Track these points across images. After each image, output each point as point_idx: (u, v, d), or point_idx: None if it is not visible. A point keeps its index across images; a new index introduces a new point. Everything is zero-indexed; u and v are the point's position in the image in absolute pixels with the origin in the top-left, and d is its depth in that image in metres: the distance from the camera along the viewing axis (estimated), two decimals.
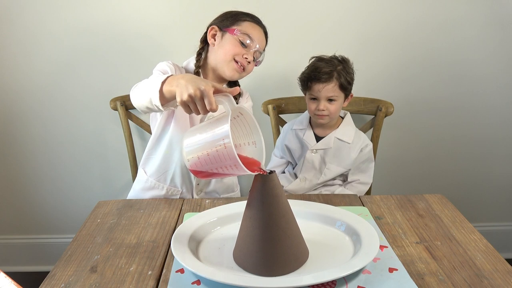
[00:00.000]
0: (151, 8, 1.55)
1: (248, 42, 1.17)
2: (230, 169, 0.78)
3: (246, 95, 1.36)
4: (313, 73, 1.31)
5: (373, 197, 1.12)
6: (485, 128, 1.74)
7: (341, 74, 1.30)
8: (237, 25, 1.17)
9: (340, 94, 1.32)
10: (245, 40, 1.16)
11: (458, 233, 0.94)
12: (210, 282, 0.76)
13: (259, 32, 1.20)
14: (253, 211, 0.80)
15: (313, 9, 1.57)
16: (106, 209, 1.07)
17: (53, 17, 1.54)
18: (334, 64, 1.31)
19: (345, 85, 1.31)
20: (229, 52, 1.16)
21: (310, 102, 1.36)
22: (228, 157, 0.75)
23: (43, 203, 1.80)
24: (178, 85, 0.85)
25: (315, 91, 1.32)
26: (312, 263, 0.82)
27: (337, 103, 1.33)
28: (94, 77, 1.62)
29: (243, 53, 1.16)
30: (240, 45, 1.16)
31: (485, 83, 1.68)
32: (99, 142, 1.71)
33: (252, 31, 1.18)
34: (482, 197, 1.85)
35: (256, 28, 1.19)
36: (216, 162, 0.78)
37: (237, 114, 0.84)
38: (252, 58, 1.19)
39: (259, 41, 1.19)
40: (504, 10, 1.58)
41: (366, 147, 1.40)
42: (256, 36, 1.18)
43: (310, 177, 1.39)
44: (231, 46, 1.16)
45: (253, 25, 1.19)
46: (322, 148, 1.38)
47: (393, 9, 1.57)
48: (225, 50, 1.17)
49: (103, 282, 0.78)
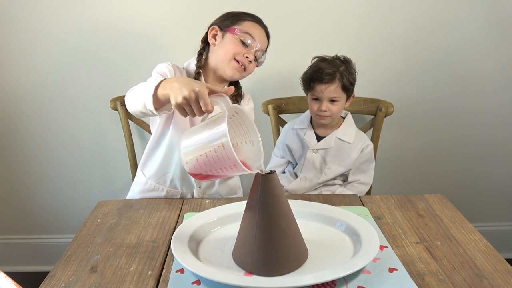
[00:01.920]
0: (151, 8, 1.55)
1: (249, 42, 1.16)
2: (230, 170, 0.78)
3: (248, 96, 1.35)
4: (315, 74, 1.31)
5: (373, 197, 1.12)
6: (485, 128, 1.74)
7: (343, 75, 1.29)
8: (238, 24, 1.17)
9: (342, 95, 1.32)
10: (246, 39, 1.16)
11: (458, 233, 0.94)
12: (210, 282, 0.76)
13: (261, 31, 1.19)
14: (253, 211, 0.80)
15: (313, 9, 1.57)
16: (106, 209, 1.07)
17: (53, 17, 1.54)
18: (337, 65, 1.30)
19: (348, 86, 1.31)
20: (230, 51, 1.15)
21: (312, 103, 1.35)
22: (227, 157, 0.75)
23: (43, 203, 1.80)
24: (172, 88, 0.85)
25: (318, 91, 1.31)
26: (312, 263, 0.82)
27: (339, 103, 1.32)
28: (94, 77, 1.62)
29: (244, 52, 1.16)
30: (241, 44, 1.15)
31: (485, 83, 1.68)
32: (99, 142, 1.71)
33: (253, 30, 1.17)
34: (482, 197, 1.85)
35: (257, 28, 1.19)
36: (215, 163, 0.77)
37: (232, 113, 0.84)
38: (254, 57, 1.18)
39: (260, 40, 1.18)
40: (504, 10, 1.58)
41: (367, 148, 1.40)
42: (257, 35, 1.18)
43: (310, 177, 1.39)
44: (231, 45, 1.15)
45: (254, 24, 1.18)
46: (323, 148, 1.38)
47: (394, 9, 1.57)
48: (225, 49, 1.16)
49: (103, 282, 0.78)
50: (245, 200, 0.86)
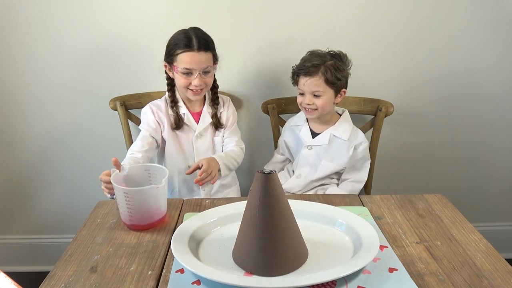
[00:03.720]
0: (151, 9, 1.55)
1: (188, 74, 1.30)
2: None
3: (227, 103, 1.45)
4: (300, 66, 1.31)
5: (373, 197, 1.12)
6: (485, 128, 1.74)
7: (328, 69, 1.28)
8: (175, 61, 1.30)
9: (327, 89, 1.30)
10: (186, 73, 1.29)
11: (458, 233, 0.94)
12: (210, 282, 0.76)
13: (194, 56, 1.28)
14: (253, 211, 0.80)
15: (313, 8, 1.57)
16: (106, 209, 1.07)
17: (53, 17, 1.54)
18: (325, 59, 1.29)
19: (332, 80, 1.28)
20: (181, 85, 1.33)
21: (298, 96, 1.36)
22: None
23: (43, 203, 1.80)
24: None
25: (301, 84, 1.31)
26: (312, 263, 0.82)
27: (323, 98, 1.31)
28: (94, 77, 1.62)
29: (190, 82, 1.30)
30: (186, 77, 1.30)
31: (485, 83, 1.68)
32: (99, 142, 1.71)
33: (188, 61, 1.28)
34: (482, 197, 1.85)
35: (190, 55, 1.28)
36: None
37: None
38: (201, 78, 1.30)
39: (198, 64, 1.28)
40: (504, 10, 1.58)
41: (361, 145, 1.38)
42: (193, 62, 1.28)
43: (305, 174, 1.38)
44: (179, 81, 1.32)
45: (186, 54, 1.28)
46: (317, 145, 1.37)
47: (394, 9, 1.57)
48: (178, 84, 1.34)
49: (103, 282, 0.78)
50: (245, 200, 0.86)
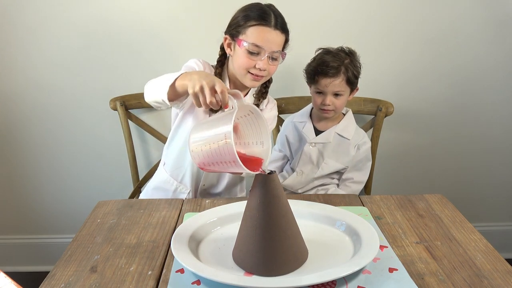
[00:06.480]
0: (151, 8, 1.55)
1: (256, 53, 1.11)
2: (230, 165, 0.80)
3: (272, 104, 1.32)
4: (320, 67, 1.28)
5: (373, 197, 1.12)
6: (485, 128, 1.74)
7: (348, 68, 1.28)
8: (243, 34, 1.12)
9: (347, 89, 1.31)
10: (253, 50, 1.11)
11: (458, 233, 0.94)
12: (210, 282, 0.76)
13: (269, 32, 1.11)
14: (253, 211, 0.80)
15: (313, 8, 1.57)
16: (106, 209, 1.07)
17: (53, 17, 1.54)
18: (342, 58, 1.28)
19: (352, 80, 1.29)
20: (241, 66, 1.13)
21: (315, 96, 1.33)
22: (228, 153, 0.78)
23: (43, 203, 1.80)
24: (191, 79, 0.89)
25: (322, 85, 1.29)
26: (312, 263, 0.82)
27: (343, 97, 1.31)
28: (94, 77, 1.62)
29: (254, 64, 1.12)
30: (250, 56, 1.11)
31: (485, 83, 1.68)
32: (99, 142, 1.71)
33: (260, 37, 1.10)
34: (482, 197, 1.85)
35: (264, 31, 1.10)
36: (217, 156, 0.80)
37: (247, 112, 0.87)
38: (267, 62, 1.13)
39: (270, 44, 1.11)
40: (504, 10, 1.58)
41: (364, 145, 1.38)
42: (265, 40, 1.10)
43: (307, 171, 1.38)
44: (241, 59, 1.13)
45: (259, 28, 1.10)
46: (321, 142, 1.37)
47: (394, 9, 1.57)
48: (238, 63, 1.14)
49: (103, 282, 0.78)
50: (245, 200, 0.86)
